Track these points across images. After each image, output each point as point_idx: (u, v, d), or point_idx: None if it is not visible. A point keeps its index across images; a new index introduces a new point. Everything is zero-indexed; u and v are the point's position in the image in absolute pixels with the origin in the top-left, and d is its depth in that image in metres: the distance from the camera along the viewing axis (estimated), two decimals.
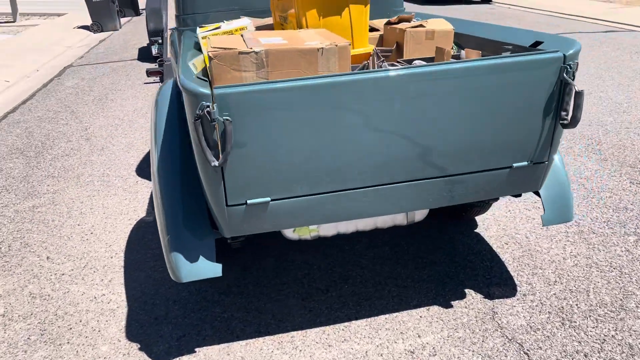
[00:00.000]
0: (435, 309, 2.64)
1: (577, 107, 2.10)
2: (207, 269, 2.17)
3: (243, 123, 1.89)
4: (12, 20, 13.82)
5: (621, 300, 2.63)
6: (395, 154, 2.08)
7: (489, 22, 2.97)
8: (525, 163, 2.24)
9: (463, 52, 2.70)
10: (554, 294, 2.70)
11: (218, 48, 2.12)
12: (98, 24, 12.07)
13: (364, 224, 2.62)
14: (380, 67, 2.49)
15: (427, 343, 2.42)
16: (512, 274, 2.87)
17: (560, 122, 2.16)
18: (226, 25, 2.83)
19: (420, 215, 2.66)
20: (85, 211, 3.78)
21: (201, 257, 2.18)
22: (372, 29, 3.33)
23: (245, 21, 2.83)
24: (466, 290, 2.75)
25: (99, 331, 2.59)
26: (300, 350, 2.42)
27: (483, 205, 3.12)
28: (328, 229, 2.58)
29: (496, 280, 2.82)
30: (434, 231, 3.29)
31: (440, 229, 3.31)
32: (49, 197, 4.02)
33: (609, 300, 2.63)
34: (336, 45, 2.14)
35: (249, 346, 2.45)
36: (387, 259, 3.04)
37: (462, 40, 2.92)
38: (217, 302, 2.75)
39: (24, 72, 8.35)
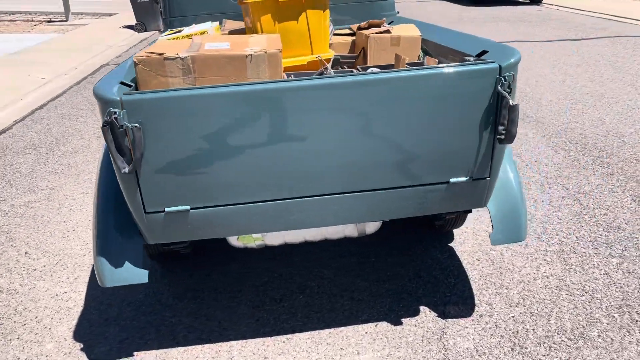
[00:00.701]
0: (383, 325, 2.54)
1: (512, 122, 1.97)
2: (133, 275, 2.17)
3: (155, 130, 1.87)
4: (64, 19, 14.42)
5: (583, 327, 2.46)
6: (321, 165, 2.02)
7: (455, 29, 2.83)
8: (463, 179, 2.12)
9: (426, 60, 2.60)
10: (513, 316, 2.55)
11: (150, 53, 2.11)
12: (142, 23, 12.41)
13: (312, 234, 2.55)
14: (322, 74, 2.42)
15: None
16: (475, 292, 2.73)
17: (497, 137, 2.03)
18: (189, 29, 2.83)
19: (372, 227, 2.57)
20: (75, 208, 3.88)
21: (127, 262, 2.18)
22: (352, 34, 3.26)
23: (206, 25, 2.82)
24: (421, 307, 2.64)
25: (49, 329, 2.64)
26: None
27: (452, 219, 2.99)
28: (274, 238, 2.53)
29: (455, 299, 2.69)
30: (407, 243, 3.18)
31: (414, 241, 3.20)
32: (46, 192, 4.15)
33: (570, 327, 2.46)
34: (265, 52, 2.10)
35: (186, 353, 2.44)
36: (350, 270, 2.96)
37: (428, 47, 2.81)
38: (170, 306, 2.76)
39: (62, 70, 8.68)
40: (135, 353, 2.46)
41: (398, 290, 2.78)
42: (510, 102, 1.95)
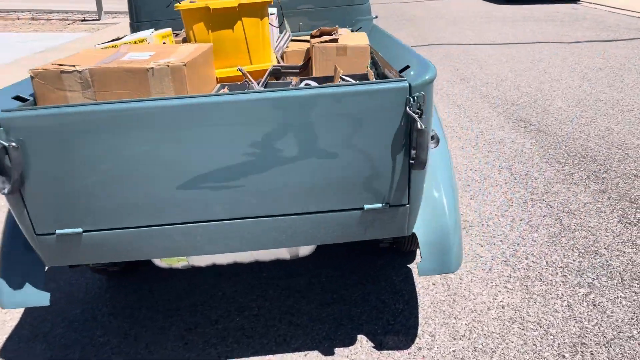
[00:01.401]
0: (313, 354, 2.38)
1: (420, 146, 1.78)
2: (33, 297, 2.08)
3: (38, 149, 1.77)
4: (97, 18, 14.69)
5: None
6: (220, 188, 1.88)
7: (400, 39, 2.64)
8: (379, 205, 1.94)
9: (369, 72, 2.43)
10: (454, 350, 2.35)
11: (54, 64, 2.02)
12: None
13: (242, 256, 2.41)
14: (247, 87, 2.28)
15: None
16: (421, 321, 2.54)
17: (410, 161, 1.84)
18: (129, 37, 2.73)
19: (305, 250, 2.41)
20: None
21: (28, 285, 2.09)
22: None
23: (146, 33, 2.71)
24: (359, 336, 2.47)
25: None
26: None
27: (403, 241, 2.79)
28: (200, 260, 2.40)
29: (398, 328, 2.51)
30: (364, 262, 3.01)
31: (372, 260, 3.02)
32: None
33: None
34: (168, 66, 1.97)
35: None
36: (297, 291, 2.81)
37: (377, 57, 2.63)
38: (103, 323, 2.67)
39: None
40: None
41: (340, 315, 2.61)
42: (418, 126, 1.76)
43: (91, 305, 2.81)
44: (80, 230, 1.92)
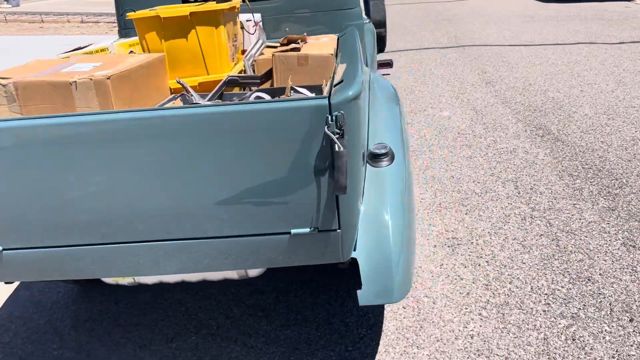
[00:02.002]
0: None
1: (338, 170, 1.63)
2: None
3: None
4: None
5: None
6: (137, 209, 1.78)
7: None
8: (306, 230, 1.80)
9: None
10: None
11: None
12: None
13: (191, 275, 2.32)
14: (189, 101, 2.18)
15: None
16: (380, 349, 2.38)
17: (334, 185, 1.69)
18: (94, 45, 2.68)
19: (254, 272, 2.29)
20: None
21: None
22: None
23: (108, 42, 2.65)
24: None
25: None
26: None
27: None
28: (146, 278, 2.32)
29: (355, 356, 2.35)
30: (337, 279, 2.86)
31: (347, 279, 2.87)
32: None
33: None
34: (90, 79, 1.89)
35: None
36: (261, 309, 2.70)
37: None
38: (62, 336, 2.64)
39: None
40: None
41: (298, 338, 2.48)
42: (336, 147, 1.61)
43: (57, 316, 2.79)
44: (0, 248, 1.87)
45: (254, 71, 2.75)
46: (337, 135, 1.61)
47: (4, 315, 2.82)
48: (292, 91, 2.20)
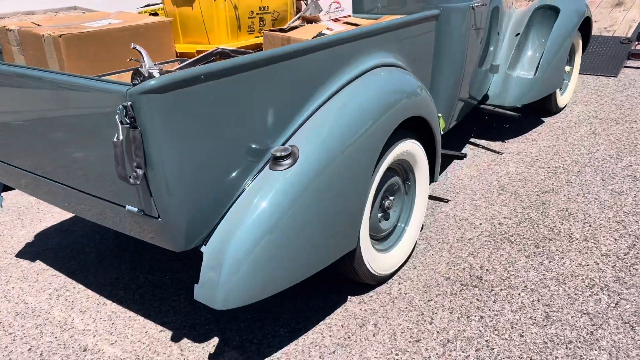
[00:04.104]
0: None
1: (114, 158, 1.67)
2: None
3: None
4: None
5: None
6: (33, 147, 2.11)
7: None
8: (135, 209, 1.88)
9: None
10: None
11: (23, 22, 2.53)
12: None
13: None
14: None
15: None
16: None
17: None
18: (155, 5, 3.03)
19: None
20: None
21: None
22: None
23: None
24: None
25: None
26: None
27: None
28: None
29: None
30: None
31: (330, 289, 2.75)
32: None
33: None
34: (50, 35, 2.24)
35: None
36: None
37: None
38: None
39: None
40: None
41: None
42: (115, 137, 1.64)
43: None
44: None
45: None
46: (128, 125, 1.64)
47: None
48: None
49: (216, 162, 1.84)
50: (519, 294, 2.55)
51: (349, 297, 2.60)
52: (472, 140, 4.35)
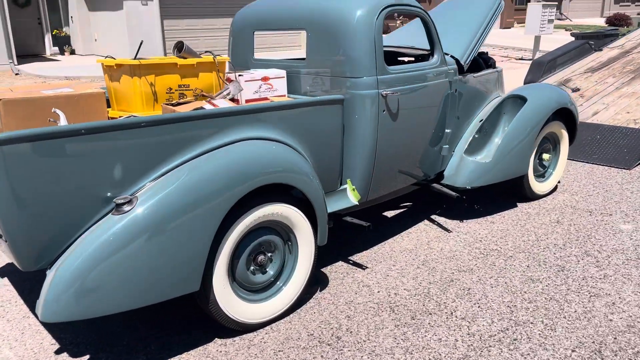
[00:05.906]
0: None
1: None
2: None
3: None
4: (531, 57, 15.01)
5: None
6: None
7: None
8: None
9: None
10: None
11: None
12: None
13: None
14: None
15: None
16: None
17: None
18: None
19: None
20: None
21: None
22: None
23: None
24: None
25: None
26: None
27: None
28: None
29: None
30: None
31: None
32: None
33: None
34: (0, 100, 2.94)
35: None
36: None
37: None
38: None
39: None
40: None
41: None
42: None
43: None
44: None
45: None
46: None
47: None
48: None
49: (58, 205, 2.35)
50: (361, 357, 2.75)
51: (215, 338, 2.94)
52: (432, 216, 4.53)
